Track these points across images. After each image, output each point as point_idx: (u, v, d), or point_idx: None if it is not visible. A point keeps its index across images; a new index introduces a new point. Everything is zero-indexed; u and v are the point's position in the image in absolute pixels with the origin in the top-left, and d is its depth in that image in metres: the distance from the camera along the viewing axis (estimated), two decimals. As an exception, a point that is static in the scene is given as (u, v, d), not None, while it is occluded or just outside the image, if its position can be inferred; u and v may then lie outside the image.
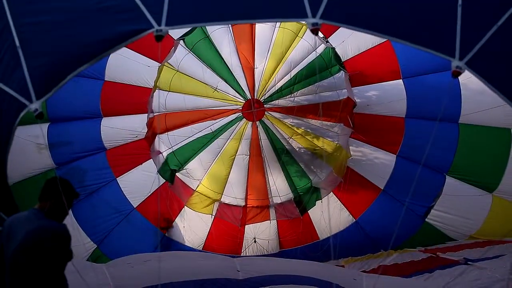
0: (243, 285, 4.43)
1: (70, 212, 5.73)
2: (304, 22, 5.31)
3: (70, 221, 5.62)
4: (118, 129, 6.09)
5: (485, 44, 2.63)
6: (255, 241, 6.51)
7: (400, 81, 6.19)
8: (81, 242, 5.62)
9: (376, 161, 6.36)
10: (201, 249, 6.44)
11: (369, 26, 2.76)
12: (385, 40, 5.65)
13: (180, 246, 6.37)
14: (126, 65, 6.02)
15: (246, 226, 6.46)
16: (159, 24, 2.69)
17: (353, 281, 4.47)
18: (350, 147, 6.38)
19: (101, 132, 6.04)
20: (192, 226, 6.37)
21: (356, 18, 2.77)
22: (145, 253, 4.95)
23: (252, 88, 6.28)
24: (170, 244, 6.33)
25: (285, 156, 6.25)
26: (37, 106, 2.59)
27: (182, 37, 6.15)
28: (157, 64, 6.22)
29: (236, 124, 6.31)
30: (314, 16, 2.68)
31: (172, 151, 6.17)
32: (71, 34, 2.74)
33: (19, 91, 2.66)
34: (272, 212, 6.42)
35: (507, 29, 2.65)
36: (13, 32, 2.73)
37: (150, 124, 6.20)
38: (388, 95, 6.25)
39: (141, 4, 2.74)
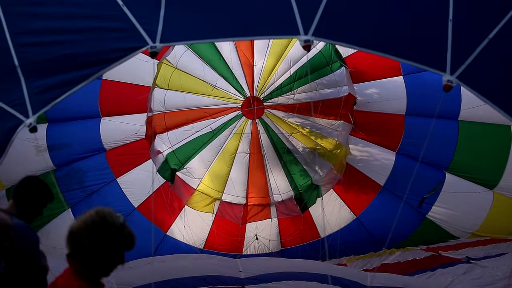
0: (246, 281, 4.46)
1: (70, 213, 5.76)
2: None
3: (67, 223, 5.62)
4: (118, 129, 6.04)
5: (476, 58, 2.66)
6: (256, 238, 6.51)
7: (401, 77, 6.18)
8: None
9: (376, 158, 6.36)
10: (202, 247, 6.44)
11: (361, 44, 2.80)
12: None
13: (181, 245, 6.36)
14: (124, 63, 5.92)
15: (247, 224, 6.46)
16: (154, 41, 2.75)
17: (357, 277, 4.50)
18: (350, 145, 6.37)
19: (101, 132, 5.99)
20: (193, 225, 6.36)
21: (347, 36, 2.81)
22: (147, 258, 4.94)
23: (251, 85, 6.24)
24: (172, 243, 6.32)
25: (287, 156, 6.23)
26: (32, 120, 2.64)
27: (181, 34, 6.07)
28: (155, 60, 6.14)
29: (236, 122, 6.27)
30: (306, 33, 2.71)
31: (172, 150, 6.12)
32: (68, 53, 2.79)
33: (17, 109, 2.70)
34: (273, 210, 6.42)
35: (498, 42, 2.68)
36: (12, 52, 2.76)
37: (149, 122, 6.15)
38: (389, 92, 6.23)
39: (136, 22, 2.80)
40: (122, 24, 2.81)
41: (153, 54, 2.75)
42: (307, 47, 2.72)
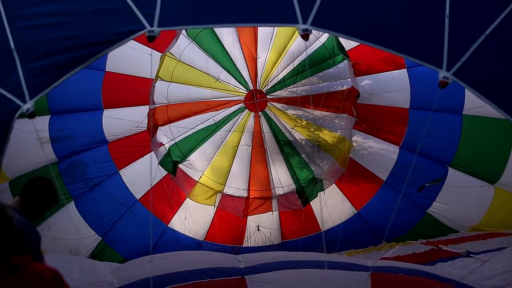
0: (246, 271, 4.47)
1: (73, 206, 5.81)
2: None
3: (69, 215, 5.67)
4: (120, 121, 6.07)
5: (472, 54, 2.64)
6: (258, 229, 6.53)
7: (405, 70, 6.14)
8: (84, 235, 5.65)
9: (379, 152, 6.34)
10: (203, 239, 6.47)
11: (358, 35, 2.80)
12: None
13: (182, 237, 6.40)
14: (127, 55, 5.93)
15: (248, 217, 6.48)
16: (151, 25, 2.73)
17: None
18: (353, 138, 6.35)
19: (103, 125, 6.03)
20: (195, 217, 6.39)
21: (345, 27, 2.82)
22: (147, 256, 4.99)
23: (254, 78, 6.23)
24: (173, 235, 6.36)
25: (287, 148, 6.23)
26: (29, 105, 2.64)
27: (184, 27, 6.06)
28: (158, 53, 6.15)
29: (238, 115, 6.27)
30: (305, 22, 2.71)
31: (175, 143, 6.15)
32: (64, 36, 2.78)
33: (14, 93, 2.71)
34: (274, 203, 6.43)
35: (495, 38, 2.65)
36: (9, 35, 2.76)
37: (151, 115, 6.17)
38: (392, 85, 6.20)
39: (133, 5, 2.78)
40: (119, 6, 2.80)
41: (151, 39, 2.72)
42: (305, 36, 2.72)
